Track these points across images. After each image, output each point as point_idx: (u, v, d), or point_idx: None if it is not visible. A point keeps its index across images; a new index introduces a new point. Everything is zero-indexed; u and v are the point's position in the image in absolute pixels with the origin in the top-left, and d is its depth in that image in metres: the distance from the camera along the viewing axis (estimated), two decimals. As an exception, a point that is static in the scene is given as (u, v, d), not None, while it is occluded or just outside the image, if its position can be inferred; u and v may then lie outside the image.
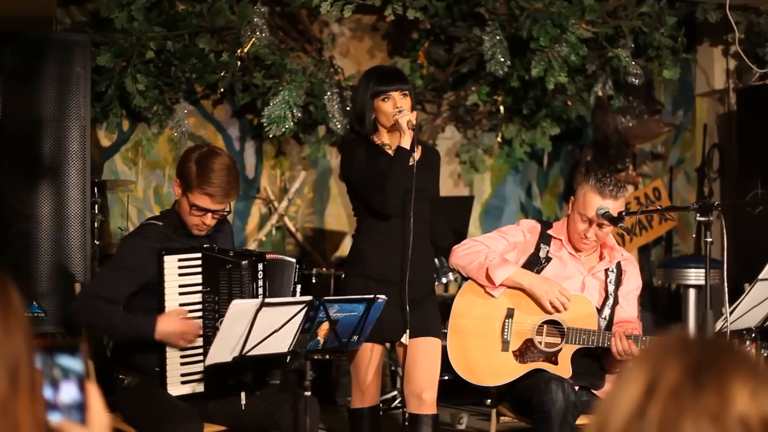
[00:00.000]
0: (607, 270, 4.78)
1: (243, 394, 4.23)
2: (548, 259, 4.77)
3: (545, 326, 4.70)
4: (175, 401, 4.13)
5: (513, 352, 4.71)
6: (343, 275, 5.06)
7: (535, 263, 4.77)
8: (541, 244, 4.78)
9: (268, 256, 4.27)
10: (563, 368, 4.63)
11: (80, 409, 1.58)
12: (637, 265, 4.94)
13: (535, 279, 4.66)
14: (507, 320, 4.73)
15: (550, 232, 4.82)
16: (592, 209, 4.65)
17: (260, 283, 4.18)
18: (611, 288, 4.76)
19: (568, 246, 4.78)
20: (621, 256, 4.84)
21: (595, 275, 4.77)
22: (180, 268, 4.17)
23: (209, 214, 4.22)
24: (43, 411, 1.54)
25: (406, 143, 4.55)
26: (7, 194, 5.65)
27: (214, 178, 4.14)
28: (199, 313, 4.20)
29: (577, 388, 4.55)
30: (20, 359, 1.50)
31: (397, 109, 4.60)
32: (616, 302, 4.73)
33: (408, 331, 4.55)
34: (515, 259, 4.79)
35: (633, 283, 4.83)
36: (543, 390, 4.42)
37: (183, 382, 4.18)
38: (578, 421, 4.45)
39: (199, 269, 4.20)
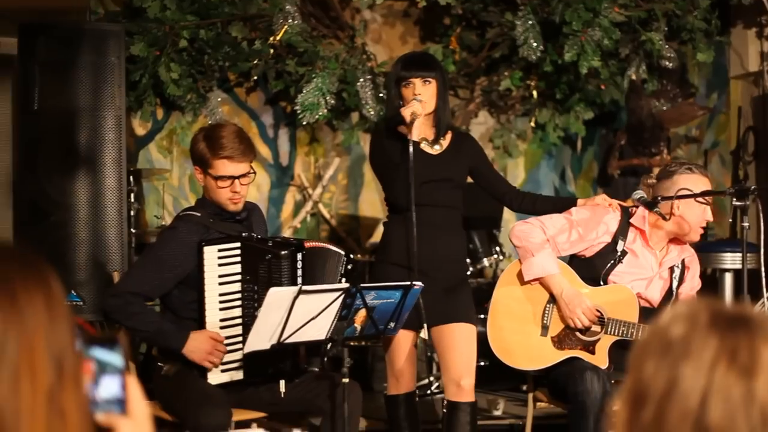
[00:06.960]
0: (672, 267, 4.71)
1: (282, 382, 4.23)
2: (624, 253, 4.65)
3: None
4: (205, 388, 4.15)
5: (551, 337, 4.66)
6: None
7: (611, 257, 4.66)
8: (619, 237, 4.65)
9: (307, 245, 4.26)
10: (600, 358, 4.58)
11: (120, 401, 1.58)
12: (698, 262, 4.85)
13: (566, 291, 4.56)
14: (549, 305, 4.67)
15: (631, 221, 4.67)
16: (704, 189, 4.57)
17: (299, 272, 4.18)
18: (674, 285, 4.70)
19: (645, 238, 4.68)
20: (688, 252, 4.75)
21: (661, 275, 4.70)
22: (220, 258, 4.19)
23: (236, 182, 4.24)
24: (87, 399, 1.54)
25: (414, 136, 4.48)
26: (44, 184, 5.69)
27: (225, 142, 4.23)
28: (239, 302, 4.22)
29: (613, 381, 4.48)
30: (66, 348, 1.50)
31: (415, 97, 4.53)
32: (676, 300, 4.67)
33: (425, 325, 4.49)
34: (578, 237, 4.64)
35: (693, 282, 4.77)
36: (578, 380, 4.39)
37: (223, 371, 4.20)
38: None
39: (239, 259, 4.22)
